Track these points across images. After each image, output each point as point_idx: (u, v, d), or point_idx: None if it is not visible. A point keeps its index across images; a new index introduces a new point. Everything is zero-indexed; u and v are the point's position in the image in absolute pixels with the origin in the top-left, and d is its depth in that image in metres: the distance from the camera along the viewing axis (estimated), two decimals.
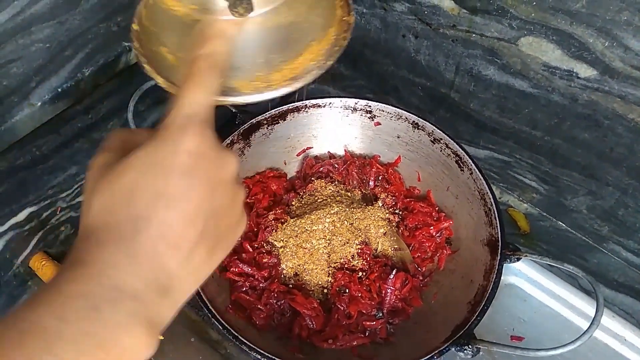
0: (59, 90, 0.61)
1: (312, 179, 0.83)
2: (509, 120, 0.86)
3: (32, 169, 0.66)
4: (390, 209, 0.80)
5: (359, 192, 0.82)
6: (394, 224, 0.78)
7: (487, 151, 0.93)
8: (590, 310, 0.55)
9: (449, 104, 0.93)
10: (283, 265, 0.72)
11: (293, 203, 0.80)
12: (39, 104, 0.59)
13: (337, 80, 1.11)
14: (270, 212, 0.76)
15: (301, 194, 0.81)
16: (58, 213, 0.73)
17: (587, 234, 0.89)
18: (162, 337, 0.68)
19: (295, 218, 0.75)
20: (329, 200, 0.78)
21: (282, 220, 0.75)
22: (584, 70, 0.73)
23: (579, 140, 0.79)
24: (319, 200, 0.78)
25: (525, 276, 0.74)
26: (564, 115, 0.79)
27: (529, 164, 0.89)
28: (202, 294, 0.60)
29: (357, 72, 1.05)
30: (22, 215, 0.68)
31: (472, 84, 0.87)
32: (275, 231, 0.74)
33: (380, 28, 0.93)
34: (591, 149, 0.79)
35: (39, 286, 0.77)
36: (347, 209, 0.76)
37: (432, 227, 0.77)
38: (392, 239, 0.76)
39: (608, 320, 0.70)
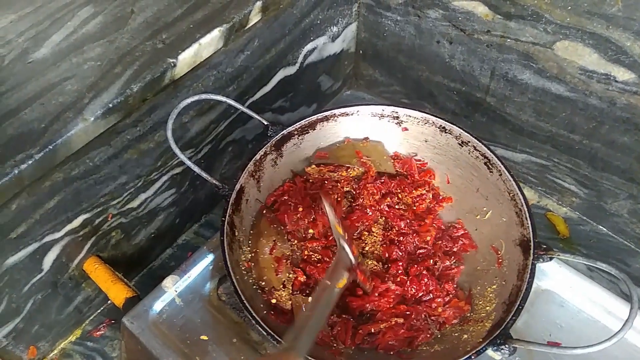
0: (110, 105, 0.64)
1: None
2: (546, 124, 0.85)
3: (85, 179, 0.70)
4: None
5: None
6: None
7: (524, 155, 0.93)
8: None
9: (484, 108, 0.93)
10: None
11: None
12: (92, 119, 0.63)
13: (373, 86, 1.13)
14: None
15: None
16: (109, 219, 0.78)
17: (629, 238, 0.88)
18: (206, 338, 0.71)
19: None
20: None
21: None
22: (622, 74, 0.72)
23: (618, 144, 0.78)
24: None
25: (562, 281, 0.73)
26: (602, 118, 0.78)
27: (568, 167, 0.88)
28: (242, 297, 0.62)
29: (392, 78, 1.07)
30: (76, 222, 0.73)
31: (507, 89, 0.87)
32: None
33: (414, 35, 0.95)
34: (631, 152, 0.78)
35: (91, 288, 0.82)
36: None
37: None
38: None
39: None
